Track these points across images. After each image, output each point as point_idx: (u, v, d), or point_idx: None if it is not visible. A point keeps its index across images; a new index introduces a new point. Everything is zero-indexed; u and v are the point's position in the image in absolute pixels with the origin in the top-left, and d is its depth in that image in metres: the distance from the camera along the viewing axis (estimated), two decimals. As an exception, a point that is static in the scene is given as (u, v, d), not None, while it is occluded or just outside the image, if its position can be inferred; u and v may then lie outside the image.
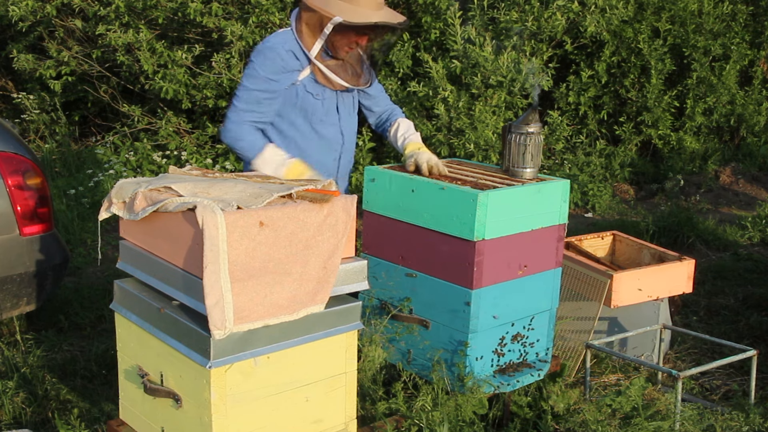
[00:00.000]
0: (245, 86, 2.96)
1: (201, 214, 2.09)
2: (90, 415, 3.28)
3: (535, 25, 6.78)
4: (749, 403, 3.32)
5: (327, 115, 3.09)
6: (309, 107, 3.03)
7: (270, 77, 2.93)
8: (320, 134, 3.09)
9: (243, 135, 2.95)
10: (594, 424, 2.87)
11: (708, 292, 5.00)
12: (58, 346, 4.04)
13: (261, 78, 2.94)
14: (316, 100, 3.03)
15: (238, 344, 2.19)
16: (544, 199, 2.88)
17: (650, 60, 7.88)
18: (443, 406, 2.71)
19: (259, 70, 2.94)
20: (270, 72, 2.93)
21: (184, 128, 7.76)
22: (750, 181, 8.29)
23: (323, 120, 3.08)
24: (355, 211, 2.40)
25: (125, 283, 2.49)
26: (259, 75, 2.94)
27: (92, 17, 7.21)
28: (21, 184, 3.62)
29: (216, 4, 6.73)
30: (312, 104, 3.03)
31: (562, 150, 7.86)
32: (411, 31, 6.97)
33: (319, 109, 3.05)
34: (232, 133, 2.96)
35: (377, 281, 3.02)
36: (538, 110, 3.01)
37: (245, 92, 2.96)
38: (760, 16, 8.91)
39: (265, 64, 2.93)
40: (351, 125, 3.22)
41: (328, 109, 3.08)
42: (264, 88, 2.94)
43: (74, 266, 5.23)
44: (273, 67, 2.93)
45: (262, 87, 2.94)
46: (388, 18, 2.92)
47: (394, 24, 2.93)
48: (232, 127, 2.96)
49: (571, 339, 3.74)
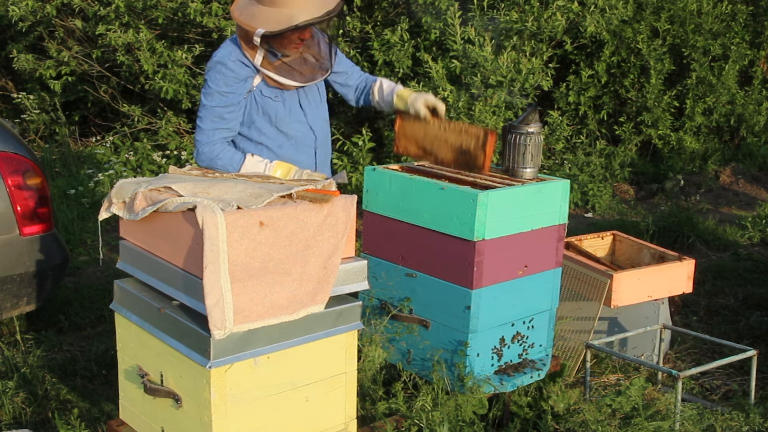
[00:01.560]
0: (205, 105, 2.96)
1: (201, 214, 2.09)
2: (90, 415, 3.27)
3: (535, 25, 6.78)
4: (749, 403, 3.32)
5: (291, 114, 3.06)
6: (270, 111, 3.01)
7: (225, 91, 2.93)
8: (288, 135, 3.07)
9: (218, 153, 2.95)
10: (594, 424, 2.87)
11: (708, 292, 5.00)
12: (58, 346, 4.04)
13: (217, 93, 2.93)
14: (275, 102, 3.01)
15: (238, 344, 2.19)
16: (544, 199, 2.88)
17: (650, 60, 7.88)
18: (443, 406, 2.71)
19: (213, 86, 2.93)
20: (224, 86, 2.92)
21: (184, 128, 7.76)
22: (750, 181, 8.29)
23: (288, 120, 3.05)
24: (355, 211, 2.40)
25: (125, 283, 2.49)
26: (215, 91, 2.93)
27: (92, 17, 7.21)
28: (21, 184, 3.62)
29: (216, 4, 6.73)
30: (273, 107, 3.01)
31: (562, 150, 7.86)
32: (411, 31, 6.97)
33: (281, 110, 3.03)
34: (206, 155, 2.96)
35: (377, 281, 3.02)
36: (538, 110, 3.01)
37: (206, 111, 2.96)
38: (760, 16, 8.91)
39: (217, 79, 2.92)
40: (320, 118, 3.18)
41: (291, 108, 3.05)
42: (223, 102, 2.94)
43: (74, 266, 5.23)
44: (225, 80, 2.92)
45: (221, 102, 2.94)
46: (313, 12, 2.82)
47: (322, 17, 2.83)
48: (205, 150, 2.96)
49: (571, 339, 3.74)
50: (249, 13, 2.86)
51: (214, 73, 2.93)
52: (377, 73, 6.93)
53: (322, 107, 3.20)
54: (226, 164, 2.94)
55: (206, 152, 2.96)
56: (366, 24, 7.25)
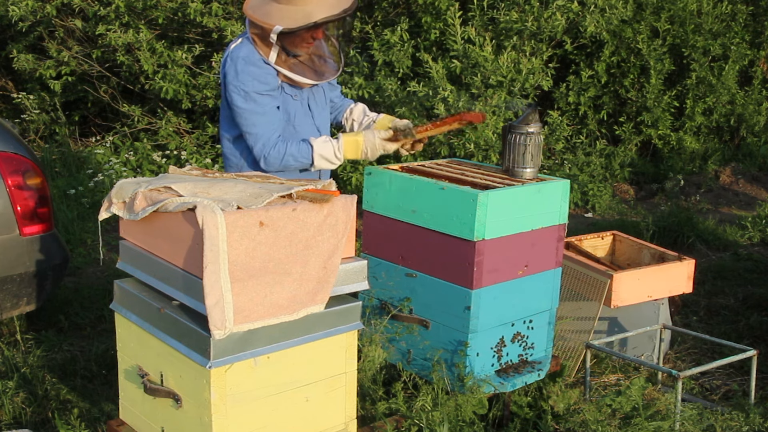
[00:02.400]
0: (247, 111, 2.89)
1: (201, 214, 2.09)
2: (90, 415, 3.28)
3: (535, 25, 6.78)
4: (749, 403, 3.32)
5: (304, 114, 3.08)
6: (290, 109, 3.02)
7: (260, 90, 2.90)
8: (300, 134, 3.07)
9: (284, 151, 2.90)
10: (594, 424, 2.87)
11: (708, 292, 5.00)
12: (58, 346, 4.04)
13: (253, 94, 2.89)
14: (295, 101, 3.03)
15: (238, 344, 2.19)
16: (544, 199, 2.88)
17: (650, 60, 7.89)
18: (443, 406, 2.71)
19: (246, 88, 2.88)
20: (257, 84, 2.89)
21: (184, 128, 7.77)
22: (750, 181, 8.29)
23: (301, 120, 3.06)
24: (355, 211, 2.40)
25: (125, 283, 2.49)
26: (250, 92, 2.88)
27: (92, 17, 7.21)
28: (21, 184, 3.62)
29: (216, 4, 6.73)
30: (293, 106, 3.02)
31: (562, 150, 7.86)
32: (411, 31, 6.97)
33: (299, 109, 3.04)
34: (274, 158, 2.91)
35: (377, 281, 3.02)
36: (538, 110, 3.01)
37: (253, 116, 2.90)
38: (759, 16, 8.91)
39: (247, 80, 2.88)
40: (324, 120, 3.20)
41: (305, 108, 3.08)
42: (264, 102, 2.91)
43: (74, 266, 5.23)
44: (259, 78, 2.89)
45: (262, 102, 2.90)
46: (331, 10, 2.84)
47: (339, 15, 2.86)
48: (272, 153, 2.90)
49: (571, 339, 3.74)
50: (264, 11, 2.86)
51: (246, 76, 2.88)
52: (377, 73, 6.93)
53: (326, 111, 3.23)
54: (297, 156, 2.91)
55: (273, 156, 2.90)
56: (366, 24, 7.26)
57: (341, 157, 2.93)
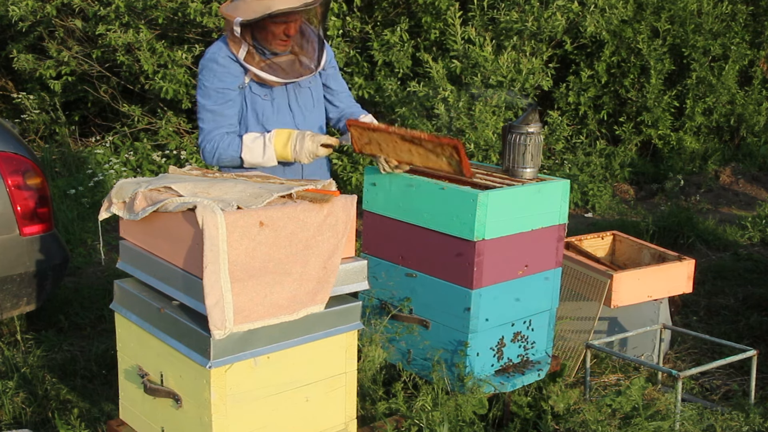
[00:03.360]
0: (202, 105, 2.97)
1: (201, 214, 2.09)
2: (90, 415, 3.28)
3: (535, 25, 6.78)
4: (749, 403, 3.32)
5: (278, 114, 3.05)
6: (258, 109, 3.01)
7: (220, 87, 2.94)
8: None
9: (217, 144, 2.95)
10: (594, 424, 2.87)
11: (708, 292, 5.00)
12: (58, 346, 4.04)
13: (213, 91, 2.94)
14: (264, 101, 3.01)
15: (238, 344, 2.19)
16: (544, 199, 2.88)
17: (650, 60, 7.89)
18: (443, 406, 2.71)
19: (207, 84, 2.95)
20: (217, 81, 2.94)
21: (184, 128, 7.76)
22: (750, 181, 8.29)
23: (275, 120, 3.04)
24: (355, 211, 2.40)
25: (125, 283, 2.49)
26: (210, 89, 2.95)
27: (92, 17, 7.21)
28: (21, 184, 3.62)
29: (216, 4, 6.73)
30: (261, 105, 3.01)
31: (562, 150, 7.86)
32: (411, 31, 6.97)
33: (267, 108, 3.02)
34: (208, 152, 2.97)
35: (377, 281, 3.02)
36: (538, 110, 3.01)
37: (204, 112, 2.97)
38: (760, 16, 8.91)
39: (209, 76, 2.95)
40: (311, 121, 3.15)
41: (279, 108, 3.04)
42: (220, 100, 2.95)
43: (74, 266, 5.23)
44: (218, 75, 2.94)
45: (218, 100, 2.95)
46: (291, 2, 2.83)
47: (299, 7, 2.84)
48: (207, 147, 2.97)
49: (571, 339, 3.74)
50: (233, 6, 2.90)
51: (207, 71, 2.95)
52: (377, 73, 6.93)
53: (316, 112, 3.18)
54: (229, 151, 2.94)
55: (208, 149, 2.97)
56: (366, 24, 7.25)
57: (271, 150, 2.89)
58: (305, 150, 2.89)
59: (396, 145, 2.80)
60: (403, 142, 2.77)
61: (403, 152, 2.80)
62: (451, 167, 2.70)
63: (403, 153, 2.80)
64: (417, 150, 2.75)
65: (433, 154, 2.72)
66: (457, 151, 2.63)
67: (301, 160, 2.91)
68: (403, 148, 2.79)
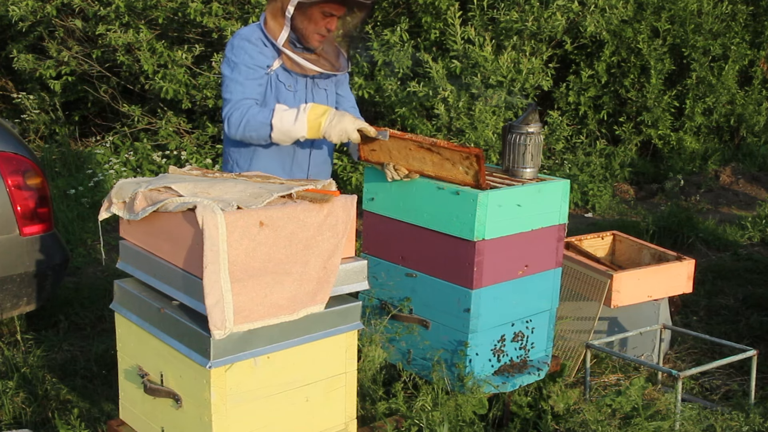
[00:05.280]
0: (230, 78, 2.94)
1: (201, 214, 2.09)
2: (90, 415, 3.28)
3: (535, 25, 6.78)
4: (749, 403, 3.32)
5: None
6: (281, 98, 3.00)
7: (250, 63, 2.93)
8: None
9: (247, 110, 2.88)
10: (594, 424, 2.87)
11: (708, 292, 5.00)
12: (58, 346, 4.04)
13: (243, 66, 2.93)
14: (288, 91, 3.01)
15: (238, 344, 2.19)
16: (544, 199, 2.88)
17: (650, 60, 7.89)
18: (443, 406, 2.71)
19: (237, 59, 2.93)
20: (248, 58, 2.93)
21: (184, 128, 7.76)
22: (750, 181, 8.29)
23: None
24: (355, 211, 2.40)
25: (125, 283, 2.49)
26: (240, 63, 2.93)
27: (92, 17, 7.21)
28: (21, 184, 3.62)
29: (216, 4, 6.73)
30: (284, 95, 3.01)
31: (562, 150, 7.86)
32: (411, 31, 6.97)
33: (290, 100, 3.01)
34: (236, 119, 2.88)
35: (377, 281, 3.02)
36: (538, 110, 3.01)
37: (233, 84, 2.93)
38: (760, 16, 8.91)
39: (240, 53, 2.94)
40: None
41: (298, 102, 3.03)
42: (249, 75, 2.93)
43: (74, 266, 5.23)
44: (249, 53, 2.93)
45: (247, 75, 2.93)
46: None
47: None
48: (234, 115, 2.89)
49: (571, 339, 3.74)
50: None
51: (238, 49, 2.94)
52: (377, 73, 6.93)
53: None
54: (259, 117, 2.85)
55: (235, 117, 2.88)
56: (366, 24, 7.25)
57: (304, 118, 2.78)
58: (340, 127, 2.76)
59: (409, 153, 2.78)
60: (418, 150, 2.75)
61: (415, 160, 2.78)
62: (468, 176, 2.69)
63: (415, 161, 2.78)
64: (432, 158, 2.74)
65: (450, 162, 2.70)
66: (479, 159, 2.63)
67: (330, 136, 2.78)
68: (416, 156, 2.77)
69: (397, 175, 2.83)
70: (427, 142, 2.71)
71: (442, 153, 2.70)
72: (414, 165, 2.79)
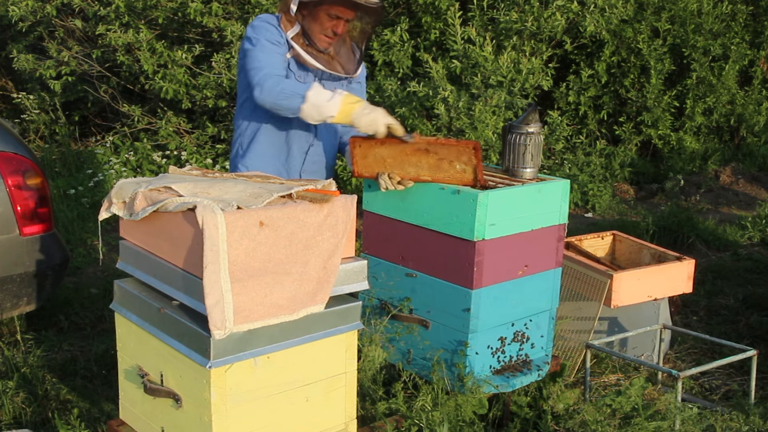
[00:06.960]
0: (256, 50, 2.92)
1: (201, 214, 2.09)
2: (90, 415, 3.28)
3: (535, 25, 6.78)
4: (749, 403, 3.32)
5: None
6: None
7: (271, 39, 2.94)
8: (293, 122, 3.06)
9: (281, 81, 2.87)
10: (594, 424, 2.87)
11: (708, 292, 5.00)
12: (58, 346, 4.04)
13: (266, 42, 2.93)
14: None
15: (238, 344, 2.19)
16: (544, 199, 2.88)
17: (650, 60, 7.88)
18: (443, 406, 2.71)
19: (258, 36, 2.94)
20: (269, 35, 2.94)
21: (184, 128, 7.77)
22: (750, 181, 8.29)
23: None
24: (355, 211, 2.40)
25: (125, 283, 2.49)
26: (261, 39, 2.93)
27: (92, 17, 7.22)
28: (21, 184, 3.62)
29: (216, 4, 6.74)
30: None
31: (562, 150, 7.86)
32: (411, 31, 6.97)
33: None
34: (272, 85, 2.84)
35: (377, 281, 3.02)
36: (538, 110, 3.01)
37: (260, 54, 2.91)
38: (760, 16, 8.91)
39: (261, 31, 2.95)
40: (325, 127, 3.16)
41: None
42: (274, 51, 2.94)
43: (74, 266, 5.23)
44: (269, 31, 2.95)
45: (273, 50, 2.93)
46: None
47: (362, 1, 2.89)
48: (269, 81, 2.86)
49: (571, 339, 3.74)
50: None
51: (261, 29, 2.96)
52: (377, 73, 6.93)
53: None
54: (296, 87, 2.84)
55: (271, 82, 2.85)
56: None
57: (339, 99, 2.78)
58: (372, 116, 2.76)
59: (405, 158, 2.79)
60: (413, 154, 2.75)
61: (411, 166, 2.79)
62: (466, 173, 2.70)
63: (411, 167, 2.79)
64: (428, 160, 2.75)
65: (446, 161, 2.71)
66: (476, 152, 2.64)
67: (359, 124, 2.78)
68: (412, 161, 2.78)
69: (391, 184, 2.82)
70: (424, 142, 2.72)
71: (439, 152, 2.70)
72: (410, 171, 2.80)
